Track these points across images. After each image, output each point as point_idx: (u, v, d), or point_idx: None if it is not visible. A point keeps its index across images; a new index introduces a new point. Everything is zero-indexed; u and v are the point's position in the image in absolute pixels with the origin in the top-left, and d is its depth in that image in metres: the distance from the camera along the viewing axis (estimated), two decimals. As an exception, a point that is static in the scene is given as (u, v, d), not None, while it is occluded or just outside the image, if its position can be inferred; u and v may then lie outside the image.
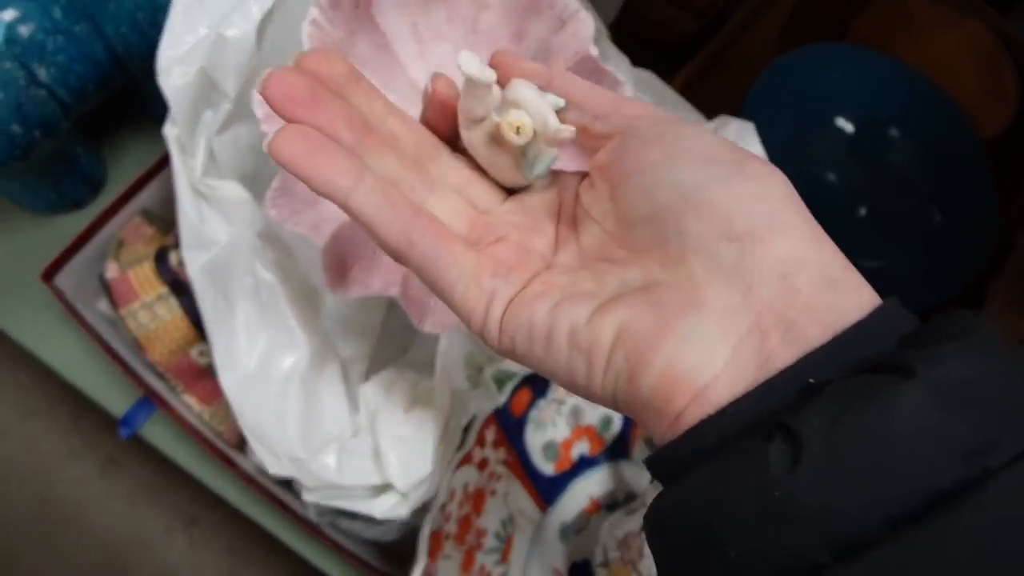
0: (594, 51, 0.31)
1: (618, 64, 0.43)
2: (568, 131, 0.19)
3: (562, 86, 0.20)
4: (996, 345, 0.14)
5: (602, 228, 0.19)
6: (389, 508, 0.31)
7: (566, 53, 0.32)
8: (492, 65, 0.20)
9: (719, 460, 0.14)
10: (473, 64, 0.18)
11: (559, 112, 0.20)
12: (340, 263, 0.35)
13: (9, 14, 0.37)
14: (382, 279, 0.35)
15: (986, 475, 0.12)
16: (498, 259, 0.19)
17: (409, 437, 0.33)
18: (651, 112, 0.19)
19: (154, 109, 0.51)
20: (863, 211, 0.54)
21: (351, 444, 0.33)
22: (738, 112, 0.51)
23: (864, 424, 0.13)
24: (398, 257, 0.18)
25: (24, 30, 0.38)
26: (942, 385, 0.13)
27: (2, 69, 0.37)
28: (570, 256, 0.19)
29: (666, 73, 0.50)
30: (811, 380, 0.14)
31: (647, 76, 0.43)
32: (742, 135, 0.41)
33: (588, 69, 0.33)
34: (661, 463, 0.16)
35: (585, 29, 0.31)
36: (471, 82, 0.19)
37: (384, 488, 0.32)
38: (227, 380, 0.31)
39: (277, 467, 0.31)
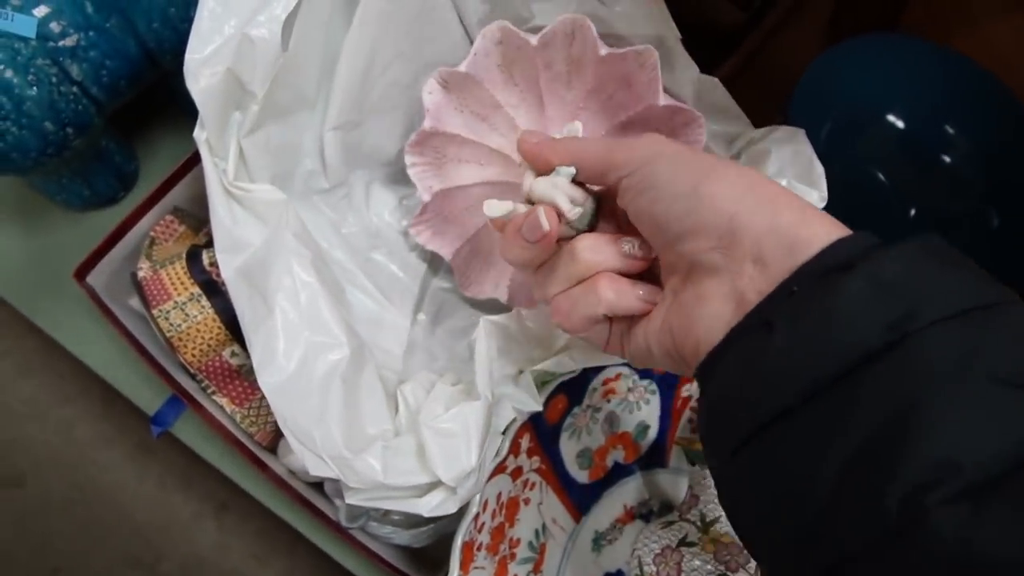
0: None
1: (686, 69, 0.42)
2: (576, 212, 0.26)
3: (566, 158, 0.27)
4: (931, 246, 0.19)
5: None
6: (437, 504, 0.31)
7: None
8: (519, 151, 0.28)
9: (732, 354, 0.21)
10: (493, 208, 0.27)
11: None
12: (465, 269, 0.45)
13: (41, 10, 0.37)
14: (492, 282, 0.45)
15: (904, 337, 0.17)
16: None
17: (452, 431, 0.32)
18: (631, 159, 0.24)
19: (186, 104, 0.50)
20: (913, 212, 0.52)
21: (394, 444, 0.32)
22: (783, 107, 0.49)
23: (815, 307, 0.19)
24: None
25: (56, 26, 0.37)
26: (875, 275, 0.18)
27: (34, 66, 0.37)
28: None
29: (710, 65, 0.48)
30: (794, 288, 0.20)
31: (711, 83, 0.42)
32: (792, 142, 0.39)
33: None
34: (701, 369, 0.22)
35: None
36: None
37: (431, 486, 0.31)
38: (266, 380, 0.31)
39: (320, 468, 0.30)
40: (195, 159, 0.44)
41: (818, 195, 0.37)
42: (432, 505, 0.31)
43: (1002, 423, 0.16)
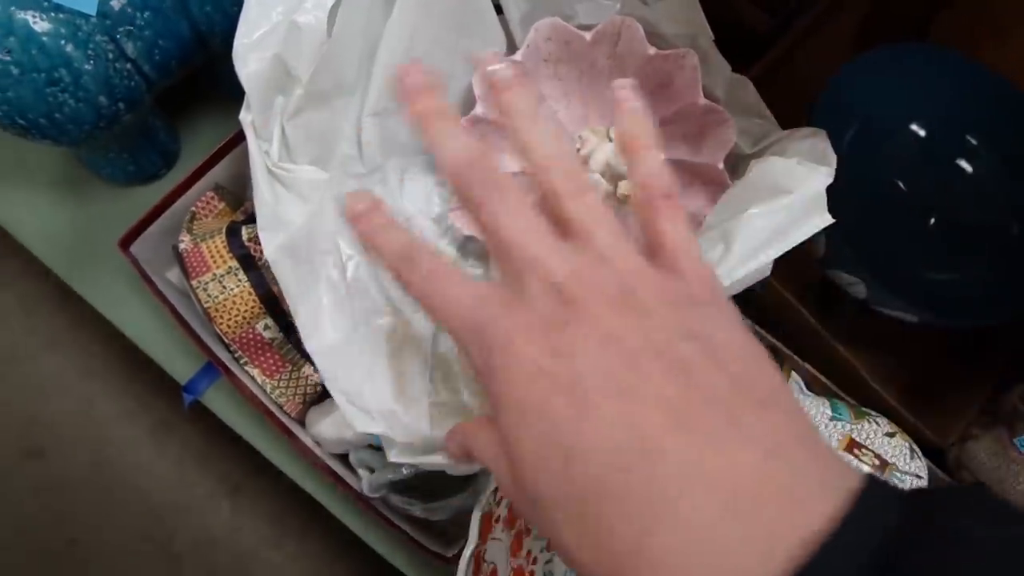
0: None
1: (720, 68, 0.43)
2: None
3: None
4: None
5: None
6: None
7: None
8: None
9: None
10: None
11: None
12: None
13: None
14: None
15: None
16: None
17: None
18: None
19: (227, 87, 0.52)
20: (933, 221, 0.53)
21: (439, 401, 0.34)
22: (809, 112, 0.50)
23: None
24: None
25: (116, 4, 0.39)
26: None
27: (93, 42, 0.39)
28: None
29: (738, 69, 0.49)
30: None
31: (742, 82, 0.43)
32: (814, 145, 0.40)
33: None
34: None
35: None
36: None
37: None
38: (313, 346, 0.32)
39: (367, 424, 0.31)
40: (236, 140, 0.46)
41: (826, 169, 0.36)
42: (474, 463, 0.32)
43: None
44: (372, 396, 0.33)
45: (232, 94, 0.52)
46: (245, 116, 0.39)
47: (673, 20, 0.45)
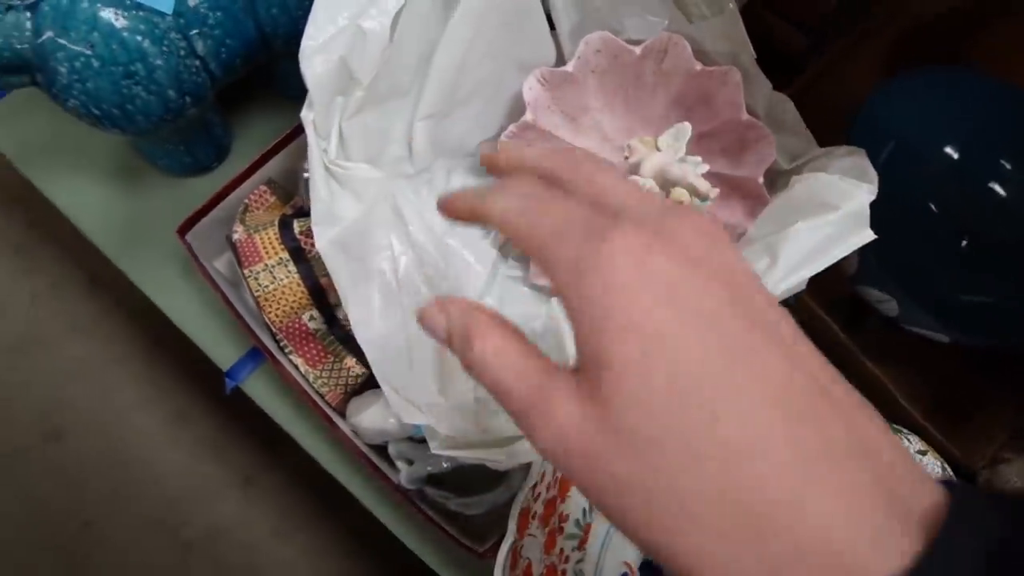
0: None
1: (761, 86, 0.45)
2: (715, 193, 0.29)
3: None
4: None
5: None
6: (526, 452, 0.33)
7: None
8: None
9: None
10: None
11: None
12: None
13: (182, -21, 0.40)
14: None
15: None
16: None
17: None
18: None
19: (280, 85, 0.54)
20: (965, 243, 0.54)
21: (484, 396, 0.35)
22: (844, 133, 0.51)
23: None
24: None
25: (190, 3, 0.41)
26: None
27: (168, 39, 0.41)
28: None
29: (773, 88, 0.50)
30: None
31: (782, 100, 0.45)
32: (854, 162, 0.41)
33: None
34: None
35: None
36: None
37: (511, 440, 0.34)
38: (364, 336, 0.33)
39: (414, 415, 0.32)
40: (291, 136, 0.47)
41: (869, 187, 0.38)
42: (524, 450, 0.33)
43: None
44: (418, 389, 0.35)
45: (284, 92, 0.54)
46: (307, 114, 0.41)
47: (717, 38, 0.47)
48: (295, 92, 0.54)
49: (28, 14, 0.38)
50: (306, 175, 0.47)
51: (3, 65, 0.38)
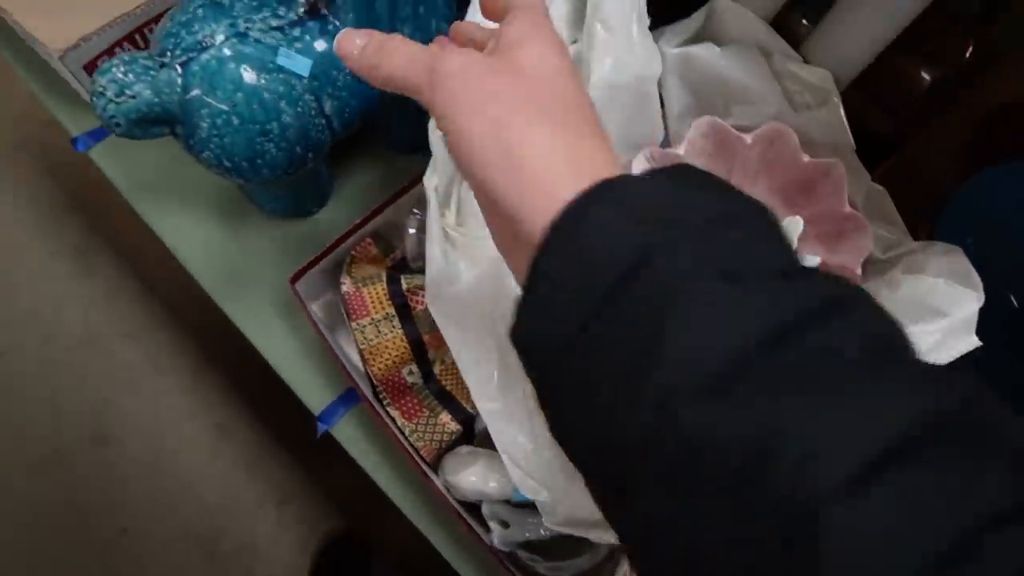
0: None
1: (859, 176, 0.46)
2: None
3: None
4: (678, 170, 0.20)
5: None
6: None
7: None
8: None
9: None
10: None
11: None
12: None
13: (321, 44, 0.43)
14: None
15: (649, 254, 0.18)
16: None
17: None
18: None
19: (392, 141, 0.56)
20: (1046, 337, 0.54)
21: None
22: (932, 222, 0.52)
23: (571, 239, 0.19)
24: None
25: (323, 65, 0.43)
26: (621, 202, 0.19)
27: (302, 100, 0.43)
28: None
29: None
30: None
31: (880, 192, 0.46)
32: (953, 263, 0.42)
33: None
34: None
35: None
36: None
37: None
38: (485, 406, 0.35)
39: (531, 491, 0.33)
40: (401, 192, 0.49)
41: (975, 294, 0.40)
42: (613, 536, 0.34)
43: (732, 317, 0.17)
44: (535, 462, 0.36)
45: (393, 147, 0.56)
46: (430, 179, 0.43)
47: (820, 127, 0.48)
48: (403, 148, 0.56)
49: (179, 71, 0.40)
50: (411, 230, 0.48)
51: (152, 118, 0.40)
